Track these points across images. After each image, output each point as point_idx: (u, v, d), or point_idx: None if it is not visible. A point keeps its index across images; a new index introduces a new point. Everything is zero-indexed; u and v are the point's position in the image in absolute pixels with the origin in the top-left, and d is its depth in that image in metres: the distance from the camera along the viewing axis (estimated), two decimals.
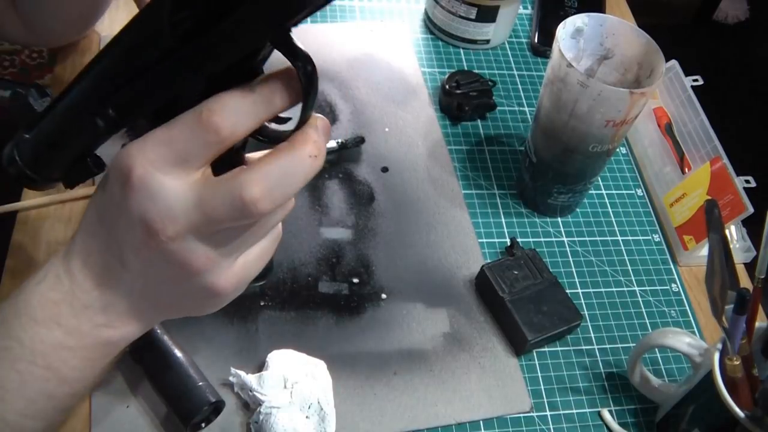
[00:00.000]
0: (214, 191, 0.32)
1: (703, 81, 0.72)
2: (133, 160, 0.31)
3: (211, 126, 0.31)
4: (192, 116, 0.31)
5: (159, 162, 0.31)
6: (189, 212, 0.32)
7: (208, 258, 0.33)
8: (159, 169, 0.31)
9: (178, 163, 0.31)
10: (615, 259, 0.66)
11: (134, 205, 0.32)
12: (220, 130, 0.31)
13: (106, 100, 0.33)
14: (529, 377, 0.57)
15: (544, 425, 0.55)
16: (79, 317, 0.35)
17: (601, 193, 0.72)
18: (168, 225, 0.32)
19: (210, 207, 0.32)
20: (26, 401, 0.35)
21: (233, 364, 0.53)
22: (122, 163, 0.32)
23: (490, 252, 0.65)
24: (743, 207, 0.61)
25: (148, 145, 0.31)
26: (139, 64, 0.32)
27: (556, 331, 0.57)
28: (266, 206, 0.31)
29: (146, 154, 0.31)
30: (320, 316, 0.58)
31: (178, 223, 0.32)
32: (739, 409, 0.46)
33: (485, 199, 0.69)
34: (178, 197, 0.32)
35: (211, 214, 0.32)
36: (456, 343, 0.58)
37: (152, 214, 0.32)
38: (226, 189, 0.31)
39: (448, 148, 0.72)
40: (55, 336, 0.35)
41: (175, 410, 0.50)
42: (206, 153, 0.32)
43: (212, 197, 0.32)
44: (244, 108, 0.31)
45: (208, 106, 0.31)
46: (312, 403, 0.50)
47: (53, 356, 0.35)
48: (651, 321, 0.63)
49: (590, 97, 0.55)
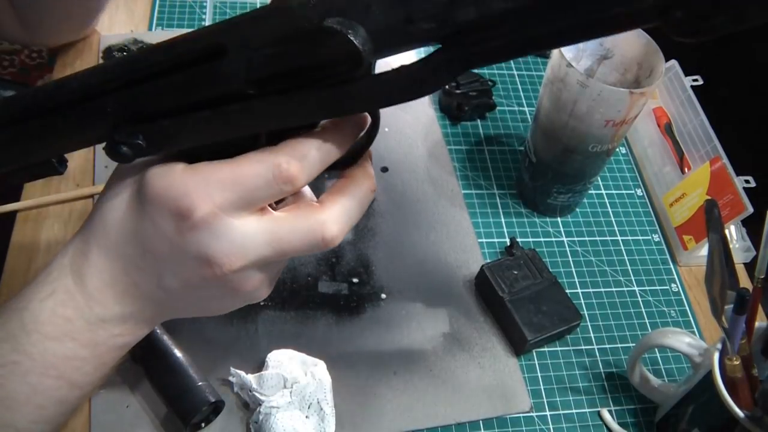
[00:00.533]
0: (290, 230, 0.32)
1: (702, 81, 0.72)
2: (193, 200, 0.31)
3: (289, 178, 0.31)
4: (268, 165, 0.31)
5: (225, 205, 0.31)
6: (259, 249, 0.32)
7: (260, 280, 0.34)
8: (225, 211, 0.31)
9: (245, 207, 0.32)
10: (615, 259, 0.66)
11: (193, 243, 0.31)
12: (298, 181, 0.31)
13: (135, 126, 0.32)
14: (528, 377, 0.57)
15: (544, 425, 0.55)
16: (94, 330, 0.34)
17: (601, 193, 0.72)
18: (234, 261, 0.32)
19: (286, 244, 0.32)
20: (37, 408, 0.35)
21: (233, 364, 0.53)
22: (177, 200, 0.31)
23: (490, 252, 0.65)
24: (743, 207, 0.61)
25: (211, 187, 0.31)
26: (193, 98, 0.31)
27: (556, 331, 0.57)
28: (340, 240, 0.33)
29: (212, 196, 0.31)
30: (320, 316, 0.58)
31: (246, 259, 0.32)
32: (739, 409, 0.46)
33: (485, 199, 0.69)
34: (246, 236, 0.32)
35: (285, 250, 0.33)
36: (456, 343, 0.58)
37: (217, 252, 0.32)
38: (306, 228, 0.32)
39: (448, 148, 0.72)
40: (69, 348, 0.34)
41: (174, 410, 0.50)
42: (275, 198, 0.32)
43: (288, 235, 0.32)
44: (319, 158, 0.32)
45: (287, 157, 0.31)
46: (312, 402, 0.50)
47: (65, 366, 0.34)
48: (651, 321, 0.63)
49: (590, 97, 0.55)
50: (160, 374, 0.51)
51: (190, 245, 0.32)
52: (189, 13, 0.80)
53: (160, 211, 0.32)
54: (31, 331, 0.34)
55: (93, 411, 0.51)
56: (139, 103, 0.32)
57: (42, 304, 0.34)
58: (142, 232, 0.33)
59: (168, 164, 0.32)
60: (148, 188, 0.32)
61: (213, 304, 0.36)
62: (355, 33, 0.27)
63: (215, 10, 0.81)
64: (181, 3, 0.81)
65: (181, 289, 0.34)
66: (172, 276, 0.33)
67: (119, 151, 0.32)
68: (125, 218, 0.33)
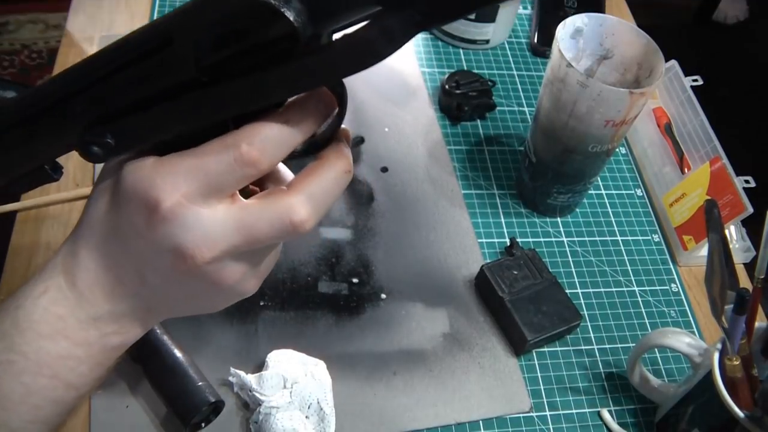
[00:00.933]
0: (258, 216, 0.32)
1: (702, 81, 0.72)
2: (159, 192, 0.31)
3: (250, 161, 0.30)
4: (228, 150, 0.30)
5: (191, 194, 0.31)
6: (228, 237, 0.32)
7: (240, 272, 0.34)
8: (191, 200, 0.31)
9: (211, 194, 0.31)
10: (614, 259, 0.66)
11: (164, 235, 0.31)
12: (260, 164, 0.31)
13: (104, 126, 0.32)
14: (528, 377, 0.57)
15: (544, 425, 0.55)
16: (87, 329, 0.34)
17: (601, 193, 0.72)
18: (205, 251, 0.31)
19: (255, 230, 0.32)
20: (32, 408, 0.35)
21: (233, 364, 0.53)
22: (145, 193, 0.31)
23: (490, 252, 0.65)
24: (743, 207, 0.61)
25: (177, 177, 0.31)
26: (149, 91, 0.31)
27: (556, 331, 0.57)
28: (312, 225, 0.32)
29: (176, 186, 0.31)
30: (320, 316, 0.58)
31: (216, 249, 0.32)
32: (739, 410, 0.46)
33: (485, 199, 0.69)
34: (215, 224, 0.31)
35: (255, 237, 0.32)
36: (455, 343, 0.58)
37: (187, 243, 0.31)
38: (273, 213, 0.32)
39: (448, 148, 0.72)
40: (62, 347, 0.34)
41: (174, 410, 0.50)
42: (241, 183, 0.31)
43: (257, 221, 0.32)
44: (282, 139, 0.31)
45: (247, 140, 0.30)
46: (311, 403, 0.50)
47: (60, 366, 0.34)
48: (650, 321, 0.63)
49: (590, 97, 0.55)
50: (160, 374, 0.51)
51: (162, 238, 0.31)
52: None
53: (132, 206, 0.32)
54: (25, 330, 0.33)
55: (92, 411, 0.51)
56: (102, 102, 0.32)
57: (35, 302, 0.34)
58: (121, 229, 0.33)
59: (139, 159, 0.32)
60: (120, 184, 0.32)
61: (202, 301, 0.36)
62: (287, 5, 0.26)
63: None
64: (181, 3, 0.81)
65: (164, 284, 0.34)
66: (153, 271, 0.33)
67: (90, 152, 0.32)
68: (106, 216, 0.33)
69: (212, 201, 0.31)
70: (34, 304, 0.34)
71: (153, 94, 0.31)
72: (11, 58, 1.85)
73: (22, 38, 1.90)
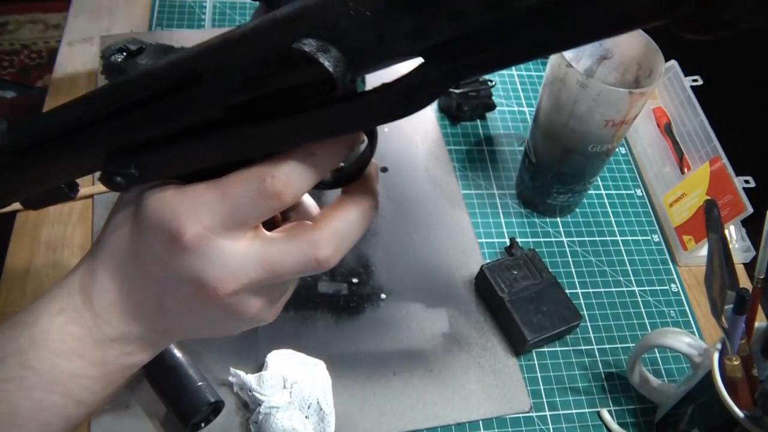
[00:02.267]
0: (282, 251, 0.31)
1: (702, 81, 0.72)
2: (182, 222, 0.30)
3: (275, 195, 0.30)
4: (253, 183, 0.30)
5: (214, 225, 0.30)
6: (251, 271, 0.31)
7: (260, 304, 0.34)
8: (214, 232, 0.31)
9: (235, 226, 0.31)
10: (614, 260, 0.66)
11: (185, 266, 0.31)
12: (285, 197, 0.30)
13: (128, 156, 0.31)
14: (528, 377, 0.57)
15: (544, 425, 0.55)
16: (102, 349, 0.34)
17: (601, 194, 0.72)
18: (227, 285, 0.31)
19: (279, 266, 0.32)
20: (42, 425, 0.34)
21: (233, 364, 0.53)
22: (168, 223, 0.31)
23: (490, 252, 0.65)
24: (742, 207, 0.61)
25: (200, 208, 0.30)
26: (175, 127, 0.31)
27: (556, 331, 0.57)
28: (336, 261, 0.32)
29: (199, 217, 0.30)
30: (319, 316, 0.58)
31: (239, 282, 0.31)
32: (739, 410, 0.46)
33: (485, 199, 0.69)
34: (237, 258, 0.31)
35: (279, 272, 0.32)
36: (455, 343, 0.58)
37: (208, 275, 0.31)
38: (298, 249, 0.31)
39: (448, 149, 0.72)
40: (77, 366, 0.34)
41: (174, 410, 0.50)
42: (265, 216, 0.31)
43: (281, 256, 0.31)
44: (306, 172, 0.31)
45: (272, 172, 0.30)
46: (311, 403, 0.50)
47: (73, 384, 0.34)
48: (650, 321, 0.63)
49: (589, 97, 0.55)
50: (160, 374, 0.51)
51: (183, 268, 0.31)
52: (189, 13, 0.80)
53: (154, 234, 0.31)
54: (40, 347, 0.33)
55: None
56: (126, 134, 0.32)
57: (51, 319, 0.34)
58: (141, 255, 0.33)
59: (161, 187, 0.32)
60: (142, 211, 0.32)
61: (219, 327, 0.36)
62: (327, 55, 0.26)
63: (215, 10, 0.81)
64: (180, 3, 0.81)
65: (183, 311, 0.34)
66: (172, 298, 0.33)
67: (114, 181, 0.32)
68: (127, 241, 0.33)
69: (235, 233, 0.31)
70: (49, 321, 0.34)
71: (179, 129, 0.30)
72: (11, 58, 1.85)
73: (21, 38, 1.89)
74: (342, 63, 0.26)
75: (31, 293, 0.56)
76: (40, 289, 0.57)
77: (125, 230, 0.33)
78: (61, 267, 0.58)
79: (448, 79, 0.27)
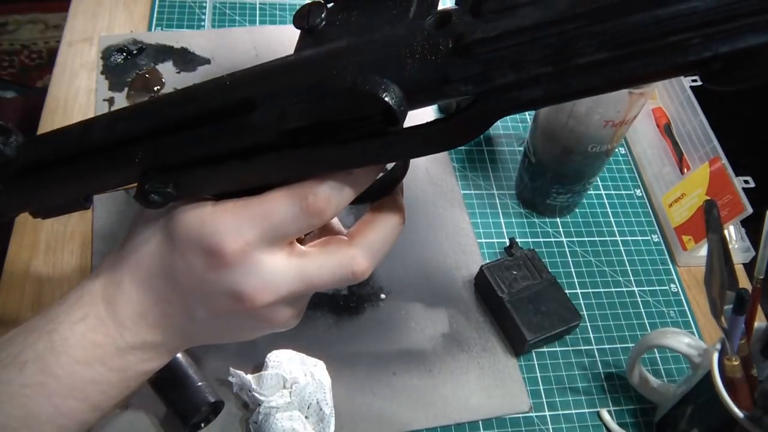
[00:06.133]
0: (320, 265, 0.33)
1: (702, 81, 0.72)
2: (223, 238, 0.31)
3: (316, 212, 0.31)
4: (295, 200, 0.31)
5: (255, 241, 0.31)
6: (289, 284, 0.33)
7: (291, 313, 0.35)
8: (255, 248, 0.31)
9: (274, 242, 0.32)
10: (614, 260, 0.66)
11: (225, 280, 0.32)
12: (325, 214, 0.31)
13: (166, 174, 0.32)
14: (528, 377, 0.57)
15: (543, 425, 0.55)
16: (124, 357, 0.35)
17: (600, 194, 0.72)
18: (265, 297, 0.32)
19: (316, 279, 0.33)
20: (58, 429, 0.35)
21: (232, 364, 0.53)
22: (208, 239, 0.31)
23: (489, 252, 0.65)
24: (742, 207, 0.61)
25: (242, 224, 0.31)
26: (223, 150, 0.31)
27: (555, 331, 0.57)
28: (369, 273, 0.33)
29: (241, 232, 0.31)
30: (319, 316, 0.58)
31: (277, 295, 0.33)
32: (738, 410, 0.46)
33: (484, 199, 0.69)
34: (276, 272, 0.32)
35: (315, 285, 0.33)
36: (455, 344, 0.58)
37: (247, 288, 0.32)
38: (335, 263, 0.33)
39: None
40: (98, 372, 0.34)
41: (174, 410, 0.50)
42: (304, 232, 0.32)
43: (319, 270, 0.33)
44: (346, 191, 0.32)
45: (313, 191, 0.31)
46: (311, 403, 0.50)
47: (92, 390, 0.35)
48: (650, 321, 0.63)
49: (589, 97, 0.55)
50: (159, 374, 0.51)
51: (221, 282, 0.32)
52: (189, 14, 0.80)
53: (191, 249, 0.32)
54: (61, 354, 0.34)
55: None
56: (168, 153, 0.32)
57: (72, 327, 0.34)
58: (173, 268, 0.33)
59: (197, 203, 0.33)
60: (178, 226, 0.32)
61: (245, 333, 0.37)
62: (390, 93, 0.26)
63: (215, 11, 0.81)
64: (180, 3, 0.81)
65: (212, 320, 0.34)
66: (203, 309, 0.34)
67: (150, 200, 0.32)
68: (156, 253, 0.34)
69: (274, 249, 0.32)
70: (70, 329, 0.34)
71: (225, 151, 0.31)
72: (11, 58, 1.85)
73: (21, 38, 1.89)
74: (403, 101, 0.27)
75: (31, 293, 0.56)
76: (40, 290, 0.57)
77: (154, 243, 0.34)
78: (61, 267, 0.58)
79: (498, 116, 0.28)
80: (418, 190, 0.68)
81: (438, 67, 0.27)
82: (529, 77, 0.26)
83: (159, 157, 0.32)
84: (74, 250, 0.60)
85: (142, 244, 0.34)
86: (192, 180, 0.32)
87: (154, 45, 0.75)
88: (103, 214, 0.61)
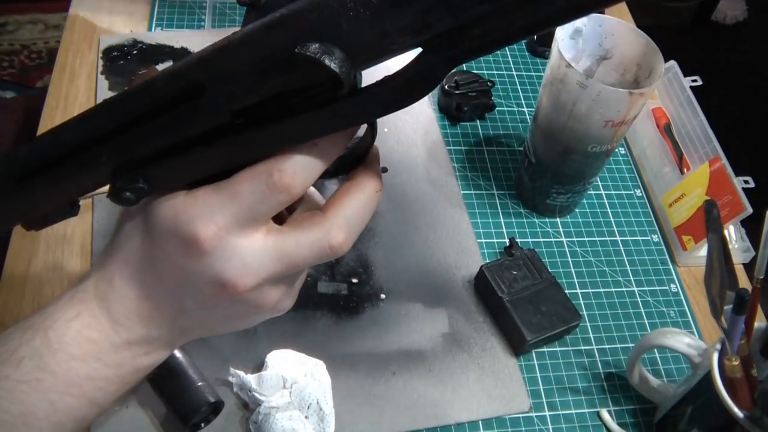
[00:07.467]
0: (296, 242, 0.32)
1: (701, 81, 0.72)
2: (196, 226, 0.31)
3: (284, 188, 0.31)
4: (260, 179, 0.31)
5: (228, 225, 0.31)
6: (268, 265, 0.32)
7: (279, 294, 0.35)
8: (229, 232, 0.31)
9: (247, 224, 0.31)
10: (614, 260, 0.67)
11: (204, 267, 0.32)
12: (293, 189, 0.31)
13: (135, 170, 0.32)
14: (528, 377, 0.57)
15: (543, 425, 0.55)
16: (120, 352, 0.35)
17: (600, 194, 0.72)
18: (247, 281, 0.32)
19: (295, 257, 0.32)
20: (54, 425, 0.35)
21: (232, 364, 0.53)
22: (182, 228, 0.31)
23: (489, 252, 0.65)
24: (742, 207, 0.61)
25: (212, 210, 0.31)
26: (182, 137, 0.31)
27: (555, 331, 0.57)
28: (349, 246, 0.33)
29: (213, 219, 0.31)
30: (319, 316, 0.58)
31: (258, 277, 0.32)
32: (738, 410, 0.46)
33: (484, 199, 0.69)
34: (254, 254, 0.32)
35: (295, 263, 0.33)
36: (455, 344, 0.58)
37: (227, 273, 0.32)
38: (311, 239, 0.32)
39: (448, 149, 0.72)
40: (93, 368, 0.34)
41: (174, 410, 0.50)
42: (275, 210, 0.32)
43: (296, 247, 0.32)
44: (311, 163, 0.31)
45: (278, 166, 0.30)
46: (311, 403, 0.51)
47: (88, 386, 0.35)
48: (650, 321, 0.63)
49: (589, 97, 0.55)
50: (159, 374, 0.51)
51: (202, 271, 0.32)
52: (189, 14, 0.80)
53: (168, 240, 0.32)
54: (57, 350, 0.34)
55: None
56: (131, 148, 0.32)
57: (67, 324, 0.34)
58: (157, 261, 0.33)
59: (170, 194, 0.33)
60: (154, 219, 0.32)
61: (238, 322, 0.37)
62: (331, 57, 0.26)
63: (215, 11, 0.81)
64: (180, 3, 0.81)
65: (202, 310, 0.34)
66: (191, 300, 0.34)
67: (123, 197, 0.32)
68: (140, 248, 0.34)
69: (249, 230, 0.32)
70: (66, 326, 0.34)
71: (186, 139, 0.31)
72: (11, 58, 1.85)
73: (21, 38, 1.89)
74: (346, 63, 0.27)
75: (31, 293, 0.56)
76: (40, 290, 0.57)
77: (137, 238, 0.34)
78: (61, 267, 0.58)
79: (448, 66, 0.27)
80: (418, 190, 0.68)
81: (373, 22, 0.26)
82: (469, 19, 0.25)
83: (124, 154, 0.32)
84: (74, 250, 0.60)
85: (127, 240, 0.34)
86: (161, 172, 0.32)
87: (154, 45, 0.75)
88: (102, 214, 0.61)
